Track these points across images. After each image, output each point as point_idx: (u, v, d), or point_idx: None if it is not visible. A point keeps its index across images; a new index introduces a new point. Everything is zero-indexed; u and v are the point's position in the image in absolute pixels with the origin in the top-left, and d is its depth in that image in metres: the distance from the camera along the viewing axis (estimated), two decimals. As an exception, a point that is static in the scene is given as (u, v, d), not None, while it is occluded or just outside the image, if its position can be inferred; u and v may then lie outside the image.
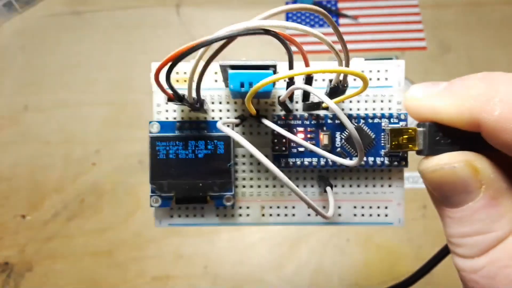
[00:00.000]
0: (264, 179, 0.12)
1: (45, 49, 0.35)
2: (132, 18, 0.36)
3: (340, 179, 0.12)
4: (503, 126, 0.09)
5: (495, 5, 0.33)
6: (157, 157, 0.11)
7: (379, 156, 0.11)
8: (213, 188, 0.11)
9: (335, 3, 0.35)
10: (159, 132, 0.12)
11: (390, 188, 0.12)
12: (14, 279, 0.24)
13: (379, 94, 0.12)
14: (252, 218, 0.12)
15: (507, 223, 0.10)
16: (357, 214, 0.12)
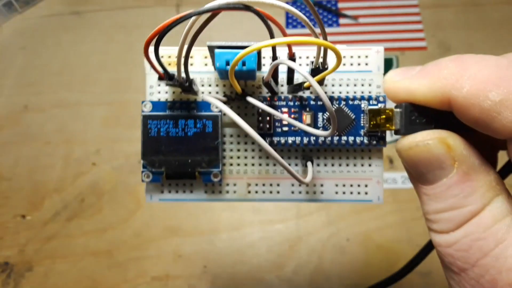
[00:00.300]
0: (250, 157, 0.13)
1: (45, 49, 0.35)
2: (132, 18, 0.36)
3: (322, 158, 0.13)
4: (471, 102, 0.10)
5: (495, 5, 0.33)
6: (149, 134, 0.12)
7: (359, 136, 0.12)
8: (201, 164, 0.12)
9: (335, 3, 0.35)
10: (151, 111, 0.12)
11: (370, 167, 0.13)
12: (14, 279, 0.24)
13: (360, 78, 0.13)
14: (239, 195, 0.13)
15: (479, 198, 0.10)
16: (339, 191, 0.13)
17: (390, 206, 0.24)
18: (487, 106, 0.09)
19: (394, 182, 0.25)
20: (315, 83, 0.10)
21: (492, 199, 0.10)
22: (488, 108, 0.09)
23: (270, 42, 0.11)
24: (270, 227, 0.24)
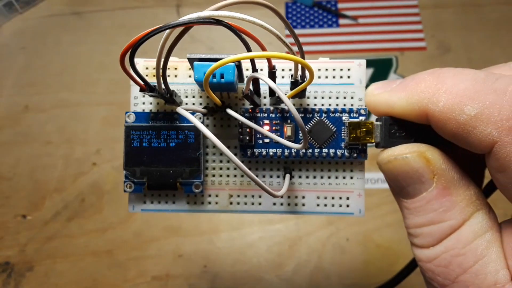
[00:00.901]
0: (232, 169, 0.13)
1: (45, 50, 0.35)
2: (132, 18, 0.36)
3: (304, 170, 0.13)
4: (448, 116, 0.09)
5: (494, 5, 0.34)
6: (131, 145, 0.12)
7: (340, 148, 0.12)
8: (182, 175, 0.12)
9: (335, 4, 0.35)
10: (134, 122, 0.12)
11: (351, 179, 0.13)
12: (15, 279, 0.24)
13: (342, 91, 0.13)
14: (220, 206, 0.13)
15: (459, 213, 0.10)
16: (320, 204, 0.13)
17: (389, 206, 0.24)
18: (462, 120, 0.09)
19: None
20: (282, 94, 0.10)
21: (472, 214, 0.10)
22: (464, 122, 0.09)
23: (245, 55, 0.11)
24: (270, 227, 0.24)
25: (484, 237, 0.10)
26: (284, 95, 0.10)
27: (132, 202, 0.13)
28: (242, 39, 0.12)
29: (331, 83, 0.13)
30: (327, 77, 0.13)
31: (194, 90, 0.14)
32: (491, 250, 0.09)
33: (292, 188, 0.12)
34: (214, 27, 0.39)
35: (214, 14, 0.11)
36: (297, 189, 0.12)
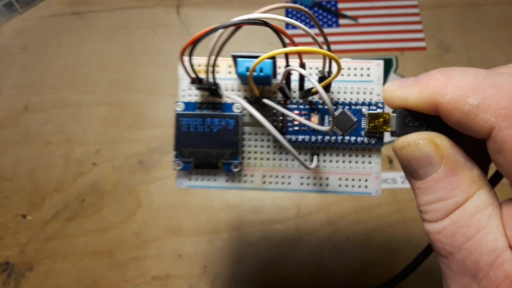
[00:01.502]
0: (266, 153, 0.15)
1: (45, 50, 0.35)
2: (132, 18, 0.36)
3: (328, 155, 0.15)
4: (454, 106, 0.11)
5: (494, 5, 0.34)
6: (180, 130, 0.14)
7: (360, 136, 0.14)
8: (223, 156, 0.14)
9: (335, 4, 0.35)
10: (183, 110, 0.15)
11: (370, 164, 0.14)
12: (15, 279, 0.24)
13: (362, 87, 0.14)
14: (255, 184, 0.15)
15: (464, 191, 0.11)
16: (342, 184, 0.14)
17: (389, 206, 0.24)
18: (466, 109, 0.11)
19: (393, 182, 0.25)
20: (318, 85, 0.12)
21: (475, 192, 0.11)
22: (467, 112, 0.11)
23: (282, 50, 0.13)
24: (270, 227, 0.24)
25: (485, 211, 0.11)
26: (317, 83, 0.12)
27: (180, 179, 0.15)
28: (281, 38, 0.13)
29: (353, 80, 0.14)
30: (349, 75, 0.15)
31: (233, 85, 0.15)
32: (492, 222, 0.11)
33: (317, 170, 0.14)
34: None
35: (261, 16, 0.13)
36: (322, 171, 0.14)
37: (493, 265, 0.11)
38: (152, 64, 0.33)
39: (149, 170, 0.27)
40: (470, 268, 0.11)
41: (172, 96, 0.31)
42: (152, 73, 0.32)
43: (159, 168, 0.27)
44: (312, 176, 0.14)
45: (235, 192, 0.26)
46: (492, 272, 0.11)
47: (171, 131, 0.29)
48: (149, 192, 0.26)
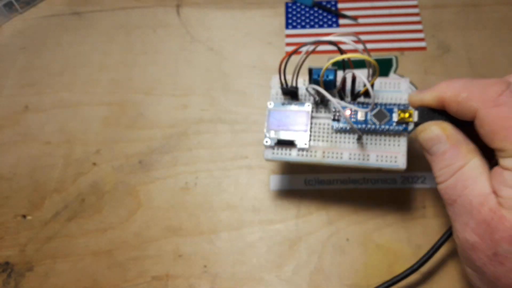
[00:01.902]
0: (325, 136, 0.21)
1: (45, 50, 0.35)
2: (132, 18, 0.36)
3: (369, 138, 0.20)
4: (452, 100, 0.17)
5: (494, 5, 0.34)
6: (270, 119, 0.21)
7: (392, 125, 0.20)
8: (299, 137, 0.21)
9: (335, 4, 0.35)
10: (273, 107, 0.21)
11: (398, 145, 0.20)
12: (15, 279, 0.24)
13: (394, 96, 0.21)
14: (318, 158, 0.21)
15: (463, 158, 0.17)
16: (378, 160, 0.20)
17: (390, 206, 0.24)
18: (460, 100, 0.17)
19: (393, 183, 0.25)
20: (368, 83, 0.18)
21: (471, 159, 0.17)
22: (460, 101, 0.17)
23: (336, 58, 0.18)
24: (270, 227, 0.24)
25: (478, 170, 0.17)
26: (367, 82, 0.18)
27: (266, 151, 0.21)
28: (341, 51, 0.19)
29: (388, 90, 0.21)
30: (385, 87, 0.21)
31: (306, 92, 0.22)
32: (482, 177, 0.16)
33: (361, 149, 0.20)
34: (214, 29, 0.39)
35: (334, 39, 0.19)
36: (364, 150, 0.20)
37: (482, 204, 0.16)
38: (152, 64, 0.33)
39: (149, 170, 0.27)
40: (467, 208, 0.16)
41: (173, 96, 0.31)
42: (152, 73, 0.32)
43: (159, 168, 0.27)
44: (357, 153, 0.20)
45: (235, 193, 0.26)
46: (482, 208, 0.16)
47: (171, 131, 0.29)
48: (149, 192, 0.26)
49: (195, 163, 0.27)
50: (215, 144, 0.28)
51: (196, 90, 0.31)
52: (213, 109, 0.30)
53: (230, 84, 0.31)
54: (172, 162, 0.27)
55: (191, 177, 0.27)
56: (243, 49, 0.33)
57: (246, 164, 0.27)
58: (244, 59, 0.32)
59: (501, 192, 0.15)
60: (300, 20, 0.34)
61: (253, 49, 0.33)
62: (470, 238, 0.16)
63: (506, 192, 0.15)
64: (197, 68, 0.32)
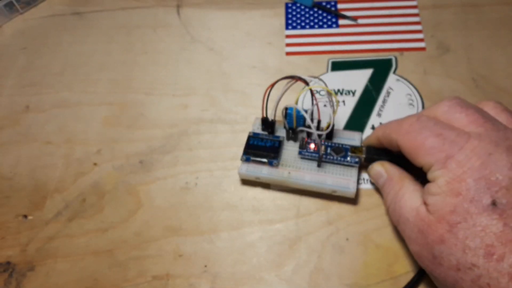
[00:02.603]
0: (292, 159, 0.25)
1: (46, 50, 0.35)
2: (132, 18, 0.36)
3: (327, 166, 0.24)
4: (384, 137, 0.22)
5: (494, 5, 0.34)
6: (249, 143, 0.25)
7: (346, 158, 0.24)
8: (269, 156, 0.24)
9: (334, 4, 0.35)
10: (253, 135, 0.26)
11: (351, 176, 0.24)
12: (16, 278, 0.24)
13: (350, 142, 0.25)
14: (284, 177, 0.24)
15: (397, 184, 0.21)
16: (333, 184, 0.23)
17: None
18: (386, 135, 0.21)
19: (393, 182, 0.25)
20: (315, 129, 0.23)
21: (403, 184, 0.20)
22: (386, 136, 0.21)
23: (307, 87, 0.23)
24: (270, 227, 0.24)
25: (409, 190, 0.20)
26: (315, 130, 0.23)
27: (242, 166, 0.25)
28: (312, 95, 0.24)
29: (345, 138, 0.26)
30: (343, 136, 0.26)
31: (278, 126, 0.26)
32: (413, 194, 0.20)
33: (321, 174, 0.24)
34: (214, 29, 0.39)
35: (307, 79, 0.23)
36: (323, 176, 0.24)
37: (415, 216, 0.18)
38: (152, 64, 0.33)
39: (149, 170, 0.27)
40: (407, 224, 0.19)
41: (173, 96, 0.31)
42: (153, 73, 0.33)
43: (160, 168, 0.27)
44: (317, 177, 0.24)
45: (235, 192, 0.26)
46: (415, 220, 0.18)
47: (171, 131, 0.30)
48: (149, 192, 0.26)
49: (196, 163, 0.27)
50: (215, 144, 0.28)
51: (196, 90, 0.31)
52: (213, 109, 0.30)
53: (230, 84, 0.31)
54: (173, 162, 0.28)
55: (192, 177, 0.27)
56: (243, 49, 0.33)
57: (246, 164, 0.27)
58: (244, 59, 0.32)
59: (427, 200, 0.18)
60: (300, 21, 0.34)
61: (253, 49, 0.33)
62: (415, 248, 0.18)
63: (431, 199, 0.18)
64: (197, 68, 0.32)
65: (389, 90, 0.30)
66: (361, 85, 0.30)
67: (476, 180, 0.16)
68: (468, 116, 0.18)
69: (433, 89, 0.29)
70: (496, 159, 0.16)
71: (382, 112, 0.29)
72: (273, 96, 0.23)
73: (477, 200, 0.16)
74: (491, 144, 0.17)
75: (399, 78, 0.30)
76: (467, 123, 0.18)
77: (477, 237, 0.15)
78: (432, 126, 0.18)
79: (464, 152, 0.17)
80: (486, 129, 0.17)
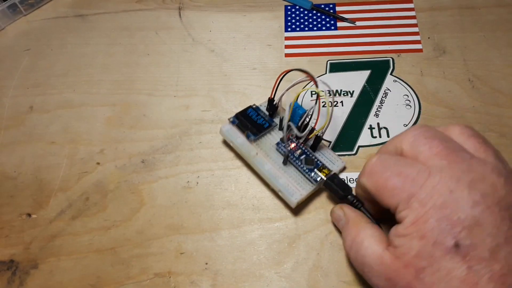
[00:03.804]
0: (267, 146, 0.26)
1: (50, 51, 0.35)
2: (135, 20, 0.37)
3: (290, 169, 0.25)
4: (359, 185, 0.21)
5: (490, 7, 0.34)
6: (246, 112, 0.27)
7: (310, 171, 0.24)
8: (251, 130, 0.25)
9: (333, 7, 0.36)
10: (253, 107, 0.27)
11: (303, 188, 0.24)
12: (20, 276, 0.24)
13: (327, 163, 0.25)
14: (251, 154, 0.25)
15: (354, 229, 0.20)
16: (284, 185, 0.24)
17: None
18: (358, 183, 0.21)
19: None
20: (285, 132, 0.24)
21: (360, 229, 0.19)
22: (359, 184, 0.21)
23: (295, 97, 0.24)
24: (270, 225, 0.25)
25: (368, 235, 0.19)
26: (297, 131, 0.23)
27: (225, 126, 0.26)
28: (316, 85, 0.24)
29: (326, 160, 0.26)
30: (326, 156, 0.26)
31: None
32: (373, 240, 0.18)
33: (280, 170, 0.24)
34: (215, 31, 0.40)
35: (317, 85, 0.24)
36: (281, 172, 0.24)
37: (380, 264, 0.17)
38: (154, 66, 0.33)
39: (152, 169, 0.28)
40: (372, 272, 0.18)
41: (175, 97, 0.32)
42: (155, 74, 0.33)
43: (162, 167, 0.28)
44: (275, 171, 0.24)
45: (235, 192, 0.26)
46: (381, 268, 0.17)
47: (173, 131, 0.30)
48: (152, 190, 0.27)
49: (197, 162, 0.28)
50: (216, 144, 0.28)
51: (197, 91, 0.32)
52: (214, 109, 0.30)
53: (231, 85, 0.32)
54: (174, 161, 0.28)
55: (193, 176, 0.27)
56: (243, 51, 0.33)
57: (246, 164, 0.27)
58: (244, 61, 0.33)
59: (395, 242, 0.17)
60: (299, 23, 0.35)
61: (253, 51, 0.33)
62: None
63: (398, 241, 0.17)
64: (198, 69, 0.33)
65: (387, 91, 0.30)
66: (359, 86, 0.31)
67: (439, 220, 0.15)
68: (432, 148, 0.17)
69: (429, 90, 0.30)
70: (458, 196, 0.15)
71: (379, 112, 0.29)
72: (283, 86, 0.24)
73: (440, 243, 0.15)
74: (452, 179, 0.16)
75: (396, 79, 0.31)
76: (430, 155, 0.17)
77: (443, 282, 0.15)
78: (392, 165, 0.17)
79: (425, 190, 0.16)
80: (449, 161, 0.16)
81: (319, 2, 0.36)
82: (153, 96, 0.32)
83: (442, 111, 0.29)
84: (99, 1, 0.38)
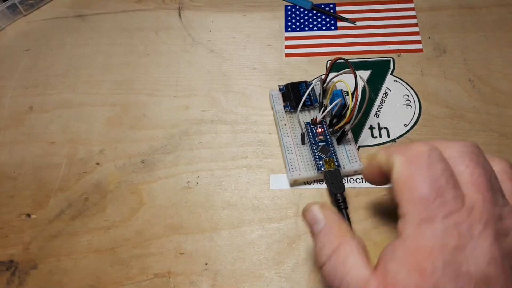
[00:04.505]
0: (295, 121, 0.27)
1: (49, 51, 0.35)
2: (135, 21, 0.37)
3: (302, 148, 0.26)
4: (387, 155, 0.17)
5: (490, 7, 0.34)
6: (299, 85, 0.28)
7: (321, 159, 0.25)
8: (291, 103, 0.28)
9: (333, 7, 0.36)
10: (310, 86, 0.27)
11: (305, 171, 0.25)
12: (19, 277, 0.24)
13: (354, 160, 0.26)
14: (280, 123, 0.27)
15: (336, 239, 0.17)
16: (288, 161, 0.25)
17: (388, 204, 0.25)
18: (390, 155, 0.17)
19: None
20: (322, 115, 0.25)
21: (344, 240, 0.16)
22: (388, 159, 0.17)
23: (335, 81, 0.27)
24: (270, 225, 0.25)
25: (353, 251, 0.16)
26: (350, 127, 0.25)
27: (275, 91, 0.29)
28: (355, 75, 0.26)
29: (344, 159, 0.26)
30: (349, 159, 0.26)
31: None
32: (358, 258, 0.16)
33: (294, 147, 0.26)
34: (215, 31, 0.40)
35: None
36: (293, 150, 0.26)
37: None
38: (154, 66, 0.33)
39: (151, 169, 0.28)
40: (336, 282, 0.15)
41: (174, 97, 0.32)
42: (155, 74, 0.33)
43: (161, 167, 0.28)
44: (291, 147, 0.26)
45: (235, 192, 0.26)
46: None
47: (173, 132, 0.30)
48: (151, 191, 0.27)
49: (197, 162, 0.28)
50: (215, 144, 0.28)
51: (197, 91, 0.32)
52: (214, 109, 0.30)
53: (231, 85, 0.32)
54: (174, 161, 0.28)
55: (193, 177, 0.27)
56: (243, 51, 0.33)
57: (246, 163, 0.27)
58: (244, 61, 0.33)
59: (387, 266, 0.15)
60: (299, 23, 0.35)
61: (253, 51, 0.33)
62: None
63: (391, 266, 0.14)
64: (198, 69, 0.33)
65: (387, 91, 0.30)
66: (359, 86, 0.30)
67: (445, 264, 0.13)
68: (473, 176, 0.15)
69: (430, 90, 0.30)
70: (477, 245, 0.13)
71: (380, 112, 0.29)
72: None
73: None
74: (479, 223, 0.14)
75: (397, 79, 0.31)
76: (468, 182, 0.15)
77: None
78: (439, 169, 0.15)
79: (447, 222, 0.14)
80: (484, 199, 0.14)
81: (319, 2, 0.36)
82: (153, 96, 0.32)
83: (443, 111, 0.29)
84: (99, 2, 0.38)
